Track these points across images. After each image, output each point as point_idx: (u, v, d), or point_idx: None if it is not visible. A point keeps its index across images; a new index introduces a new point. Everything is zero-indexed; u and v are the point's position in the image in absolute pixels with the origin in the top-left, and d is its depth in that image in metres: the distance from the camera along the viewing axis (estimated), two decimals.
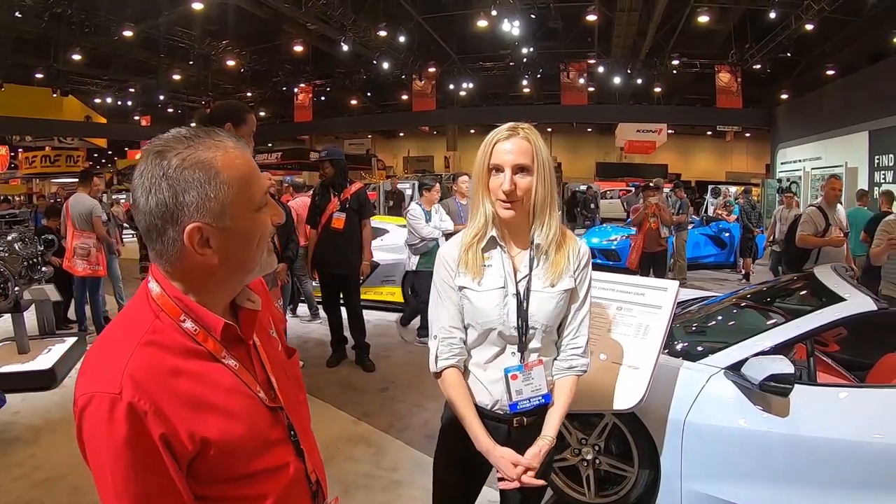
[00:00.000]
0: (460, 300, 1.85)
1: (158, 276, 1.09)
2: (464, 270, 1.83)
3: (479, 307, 1.81)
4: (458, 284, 1.83)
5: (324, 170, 5.66)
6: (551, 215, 1.80)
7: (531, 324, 1.81)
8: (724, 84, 23.17)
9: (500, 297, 1.80)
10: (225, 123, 3.19)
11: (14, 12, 17.30)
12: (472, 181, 1.90)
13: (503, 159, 1.74)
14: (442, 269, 1.88)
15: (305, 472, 1.23)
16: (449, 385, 1.84)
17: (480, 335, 1.85)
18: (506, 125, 1.79)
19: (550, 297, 1.81)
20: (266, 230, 1.13)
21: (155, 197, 1.01)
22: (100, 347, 1.05)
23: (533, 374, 1.84)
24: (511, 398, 1.82)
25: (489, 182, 1.79)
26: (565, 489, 3.41)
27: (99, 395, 0.95)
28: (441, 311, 1.88)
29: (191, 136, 1.05)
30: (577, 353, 1.89)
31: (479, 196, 1.83)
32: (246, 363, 1.15)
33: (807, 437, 2.76)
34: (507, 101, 31.20)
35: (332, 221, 5.59)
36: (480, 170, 1.80)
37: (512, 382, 1.82)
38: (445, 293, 1.87)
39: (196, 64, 25.23)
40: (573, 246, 1.87)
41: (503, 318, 1.80)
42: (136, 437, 0.94)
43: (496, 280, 1.81)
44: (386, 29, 21.80)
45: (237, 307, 1.19)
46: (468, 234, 1.85)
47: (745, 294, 4.55)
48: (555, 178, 1.84)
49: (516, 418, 1.85)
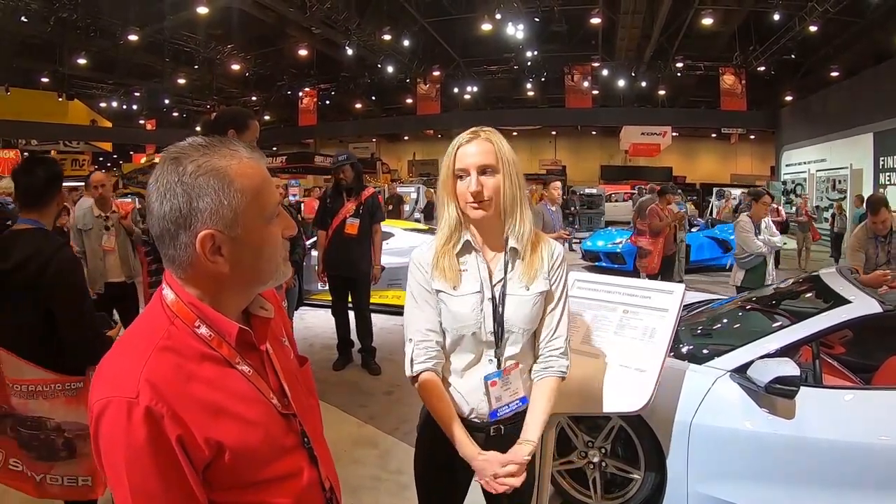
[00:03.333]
0: (437, 303, 1.83)
1: (172, 283, 1.10)
2: (439, 276, 1.81)
3: (455, 311, 1.79)
4: (434, 288, 1.82)
5: (344, 174, 5.63)
6: (523, 213, 1.79)
7: (507, 328, 1.80)
8: (729, 86, 23.16)
9: (477, 301, 1.78)
10: (228, 129, 3.14)
11: (20, 17, 17.39)
12: (438, 188, 1.88)
13: (467, 162, 1.74)
14: (417, 272, 1.86)
15: (319, 478, 1.24)
16: (426, 390, 1.80)
17: (456, 340, 1.82)
18: (467, 131, 1.79)
19: (526, 300, 1.80)
20: (277, 242, 1.14)
21: (169, 202, 1.02)
22: (116, 353, 1.06)
23: (511, 379, 1.82)
24: (491, 406, 1.80)
25: (456, 188, 1.78)
26: (571, 492, 3.41)
27: (116, 399, 0.96)
28: (417, 314, 1.85)
29: (207, 145, 1.06)
30: (556, 355, 1.87)
31: (444, 202, 1.82)
32: (259, 370, 1.16)
33: (813, 439, 2.76)
34: (511, 104, 31.16)
35: (345, 226, 5.58)
36: (446, 176, 1.80)
37: (492, 389, 1.79)
38: (421, 297, 1.84)
39: (201, 68, 25.27)
40: (546, 246, 1.86)
41: (479, 322, 1.78)
42: (154, 440, 0.95)
43: (473, 285, 1.80)
44: (390, 33, 21.87)
45: (250, 315, 1.20)
46: (439, 241, 1.84)
47: (750, 297, 4.55)
48: (522, 177, 1.82)
49: (494, 426, 1.83)
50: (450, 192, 1.80)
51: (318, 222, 5.96)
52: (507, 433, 1.83)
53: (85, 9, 18.35)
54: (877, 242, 5.22)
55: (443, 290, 1.81)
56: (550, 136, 36.79)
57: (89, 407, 0.99)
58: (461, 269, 1.81)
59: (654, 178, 27.52)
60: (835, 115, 17.91)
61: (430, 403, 1.80)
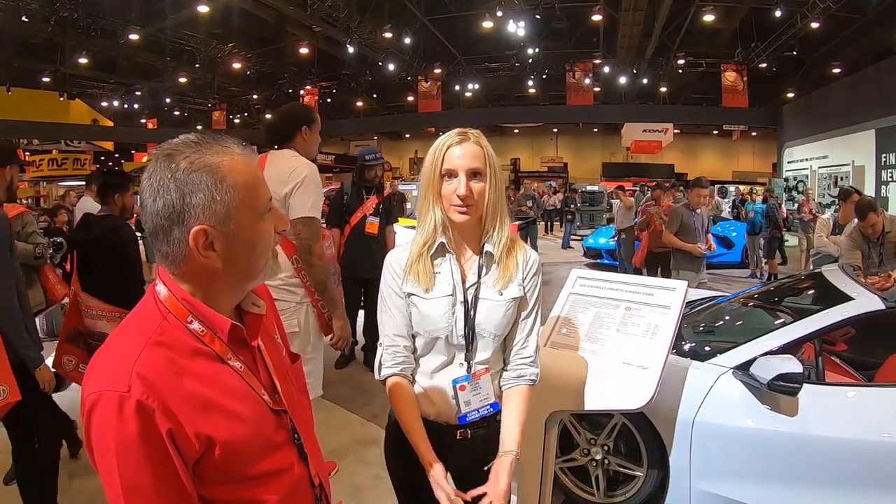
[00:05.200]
0: (408, 308, 1.80)
1: (165, 279, 1.12)
2: (413, 279, 1.78)
3: (427, 314, 1.77)
4: (405, 291, 1.79)
5: (375, 173, 5.60)
6: (502, 221, 1.78)
7: (479, 332, 1.77)
8: (730, 83, 23.11)
9: (449, 304, 1.76)
10: (301, 127, 3.19)
11: (21, 17, 17.41)
12: (420, 188, 1.82)
13: (456, 164, 1.70)
14: (389, 275, 1.84)
15: (309, 475, 1.25)
16: (392, 395, 1.78)
17: (427, 343, 1.80)
18: (454, 131, 1.75)
19: (499, 305, 1.77)
20: (269, 237, 1.16)
21: (162, 198, 1.04)
22: (108, 348, 1.07)
23: (481, 384, 1.79)
24: (460, 410, 1.78)
25: (441, 189, 1.74)
26: (574, 489, 3.41)
27: (108, 393, 0.97)
28: (385, 318, 1.84)
29: (199, 142, 1.08)
30: (526, 363, 1.84)
31: (428, 203, 1.77)
32: (251, 366, 1.17)
33: (815, 437, 2.76)
34: (512, 101, 31.15)
35: (365, 225, 5.53)
36: (431, 176, 1.75)
37: (460, 394, 1.77)
38: (391, 300, 1.83)
39: (202, 67, 25.28)
40: (522, 253, 1.83)
41: (451, 326, 1.76)
42: (145, 433, 0.96)
43: (445, 287, 1.77)
44: (391, 31, 21.85)
45: (242, 311, 1.22)
46: (417, 243, 1.81)
47: (752, 294, 4.55)
48: (503, 183, 1.81)
49: (460, 430, 1.80)
50: (436, 192, 1.75)
51: (331, 220, 5.76)
52: (474, 437, 1.81)
53: (86, 8, 18.36)
54: (869, 244, 5.23)
55: (414, 292, 1.78)
56: (552, 134, 36.76)
57: (82, 400, 1.00)
58: (435, 271, 1.79)
59: (656, 175, 27.51)
60: (837, 112, 17.84)
61: (396, 409, 1.78)
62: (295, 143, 3.22)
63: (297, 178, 3.03)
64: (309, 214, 3.07)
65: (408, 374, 1.81)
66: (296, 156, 3.15)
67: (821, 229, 6.82)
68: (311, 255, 3.11)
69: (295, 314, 3.19)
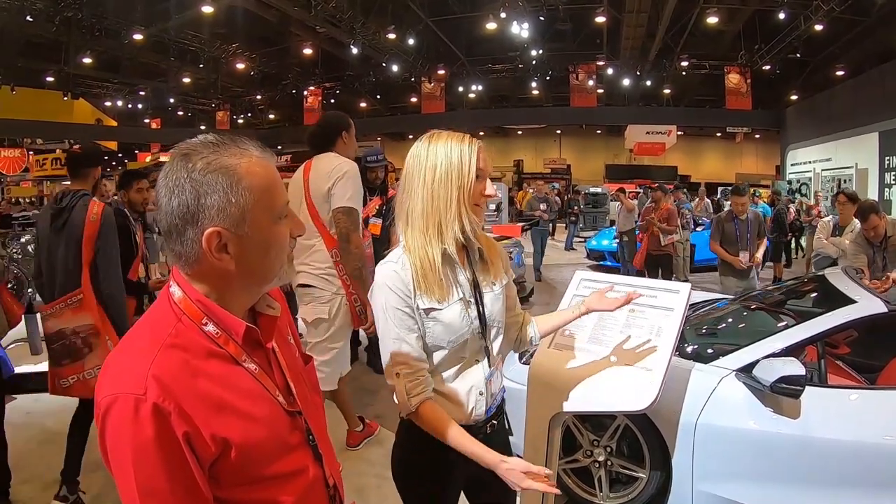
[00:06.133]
0: (422, 326, 1.70)
1: (180, 280, 1.11)
2: (425, 294, 1.68)
3: (449, 324, 1.70)
4: (421, 309, 1.69)
5: (378, 174, 5.60)
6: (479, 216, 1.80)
7: (489, 324, 1.80)
8: (734, 85, 23.12)
9: (463, 307, 1.73)
10: (342, 132, 3.62)
11: (25, 16, 17.42)
12: (443, 189, 1.68)
13: (486, 164, 1.71)
14: (394, 298, 1.68)
15: (324, 476, 1.25)
16: (429, 420, 1.69)
17: (453, 352, 1.74)
18: (454, 132, 1.74)
19: (497, 295, 1.82)
20: (284, 241, 1.15)
21: (178, 198, 1.03)
22: (123, 351, 1.07)
23: (499, 374, 1.89)
24: (488, 403, 1.81)
25: (472, 189, 1.68)
26: (577, 490, 3.42)
27: (124, 395, 0.96)
28: (398, 346, 1.69)
29: (217, 143, 1.08)
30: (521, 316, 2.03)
31: (450, 208, 1.67)
32: (265, 368, 1.17)
33: (818, 439, 2.77)
34: (516, 103, 31.11)
35: (368, 226, 5.48)
36: (465, 177, 1.66)
37: (489, 388, 1.80)
38: (403, 324, 1.69)
39: (206, 67, 25.31)
40: (491, 241, 1.88)
41: (470, 326, 1.74)
42: (162, 436, 0.96)
43: (454, 292, 1.72)
44: (395, 31, 21.88)
45: (257, 313, 1.21)
46: (428, 255, 1.68)
47: (755, 296, 4.55)
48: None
49: (489, 424, 1.83)
50: (467, 194, 1.67)
51: None
52: (499, 429, 1.89)
53: (90, 8, 18.37)
54: (874, 249, 5.21)
55: (431, 307, 1.69)
56: (555, 135, 36.67)
57: (96, 403, 1.00)
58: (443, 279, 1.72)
59: (659, 177, 27.44)
60: (840, 114, 17.83)
61: (440, 430, 1.68)
62: (336, 147, 3.65)
63: (338, 173, 3.45)
64: (348, 205, 3.46)
65: (433, 395, 1.73)
66: (337, 157, 3.56)
67: (821, 231, 6.91)
68: (349, 243, 3.47)
69: (328, 303, 3.56)
